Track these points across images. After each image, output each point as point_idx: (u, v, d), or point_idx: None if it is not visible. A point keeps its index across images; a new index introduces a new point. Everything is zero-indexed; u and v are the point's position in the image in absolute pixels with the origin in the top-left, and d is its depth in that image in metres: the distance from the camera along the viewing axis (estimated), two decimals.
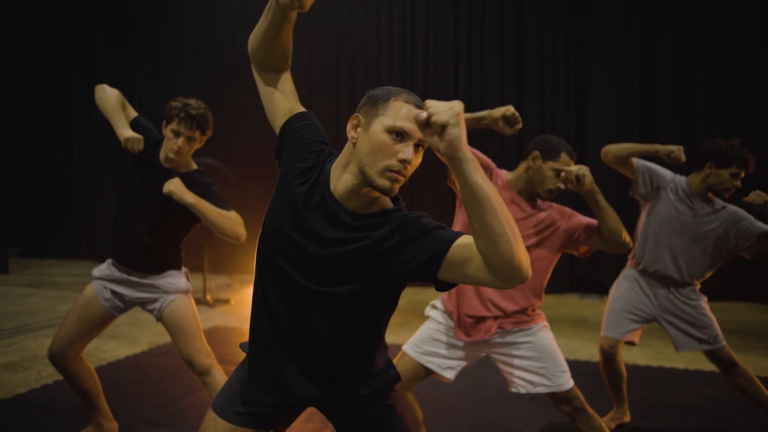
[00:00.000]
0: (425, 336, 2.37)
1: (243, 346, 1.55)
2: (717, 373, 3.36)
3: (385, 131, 1.28)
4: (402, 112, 1.29)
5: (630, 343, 2.94)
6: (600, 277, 6.58)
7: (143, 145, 2.36)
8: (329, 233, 1.34)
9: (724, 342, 2.80)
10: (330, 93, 7.61)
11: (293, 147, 1.44)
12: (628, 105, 6.71)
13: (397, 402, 1.50)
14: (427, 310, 2.47)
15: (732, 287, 6.26)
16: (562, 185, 2.26)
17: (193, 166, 2.53)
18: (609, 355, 2.91)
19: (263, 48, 1.45)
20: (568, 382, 2.24)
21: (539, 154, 2.28)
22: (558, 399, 2.25)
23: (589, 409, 2.25)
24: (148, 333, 4.71)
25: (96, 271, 2.54)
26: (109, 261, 2.55)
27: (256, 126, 7.72)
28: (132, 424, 2.90)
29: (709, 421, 3.10)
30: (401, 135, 1.28)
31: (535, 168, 2.27)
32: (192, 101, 2.41)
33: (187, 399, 3.27)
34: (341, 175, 1.35)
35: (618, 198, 5.97)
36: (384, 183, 1.28)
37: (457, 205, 2.45)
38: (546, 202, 2.36)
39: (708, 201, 2.80)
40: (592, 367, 3.78)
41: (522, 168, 2.33)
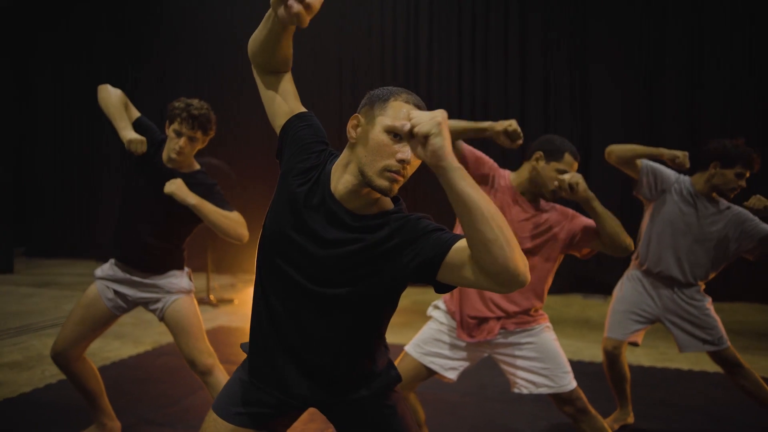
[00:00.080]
0: (428, 336, 2.37)
1: (243, 346, 1.55)
2: (721, 375, 3.34)
3: (384, 131, 1.28)
4: (401, 112, 1.28)
5: (633, 344, 2.93)
6: (604, 278, 6.54)
7: (146, 147, 2.36)
8: (329, 234, 1.34)
9: (728, 343, 2.79)
10: (332, 93, 7.60)
11: (294, 147, 1.44)
12: (631, 105, 6.67)
13: (398, 402, 1.50)
14: (430, 310, 2.46)
15: (737, 288, 6.24)
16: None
17: (196, 166, 2.52)
18: (612, 356, 2.90)
19: (263, 53, 1.44)
20: (571, 383, 2.24)
21: (542, 154, 2.27)
22: (561, 400, 2.25)
23: (592, 410, 2.24)
24: (151, 333, 4.71)
25: (99, 271, 2.55)
26: (112, 261, 2.55)
27: (259, 126, 7.71)
28: (134, 423, 2.91)
29: (714, 423, 3.09)
30: (400, 135, 1.27)
31: (539, 168, 2.26)
32: (195, 101, 2.41)
33: (190, 399, 3.27)
34: (342, 176, 1.35)
35: (622, 198, 5.95)
36: (383, 183, 1.27)
37: None
38: (549, 203, 2.35)
39: (712, 201, 2.78)
40: (595, 368, 3.77)
41: (525, 169, 2.32)
